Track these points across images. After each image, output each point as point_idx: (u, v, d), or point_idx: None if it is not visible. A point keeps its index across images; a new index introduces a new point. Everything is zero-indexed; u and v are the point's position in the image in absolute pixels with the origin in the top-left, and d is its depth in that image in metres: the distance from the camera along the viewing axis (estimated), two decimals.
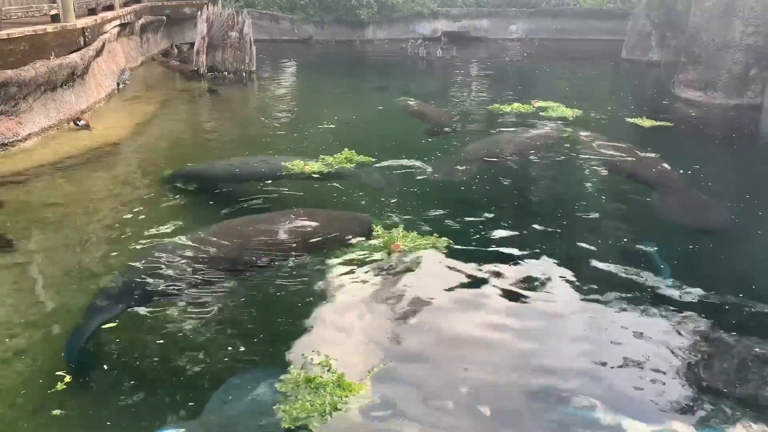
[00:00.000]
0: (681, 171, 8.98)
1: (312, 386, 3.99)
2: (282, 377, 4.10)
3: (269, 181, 8.21)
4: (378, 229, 6.40)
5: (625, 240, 6.73)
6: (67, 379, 4.10)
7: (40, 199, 7.38)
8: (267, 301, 5.18)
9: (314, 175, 8.41)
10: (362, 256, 5.87)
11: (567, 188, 8.59)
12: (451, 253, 6.02)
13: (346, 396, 3.93)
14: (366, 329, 4.80)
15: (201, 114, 13.29)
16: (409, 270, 5.68)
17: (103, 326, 4.72)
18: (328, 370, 4.17)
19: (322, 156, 9.02)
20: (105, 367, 4.31)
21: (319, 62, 21.81)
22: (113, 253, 5.97)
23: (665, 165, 9.20)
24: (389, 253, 5.91)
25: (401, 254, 5.89)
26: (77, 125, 10.28)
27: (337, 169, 8.66)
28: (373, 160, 9.03)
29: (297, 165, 8.53)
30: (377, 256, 5.90)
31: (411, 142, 10.60)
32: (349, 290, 5.33)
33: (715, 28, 14.05)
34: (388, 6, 26.13)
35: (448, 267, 5.81)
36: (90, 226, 6.77)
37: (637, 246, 6.52)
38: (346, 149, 9.26)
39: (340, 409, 3.82)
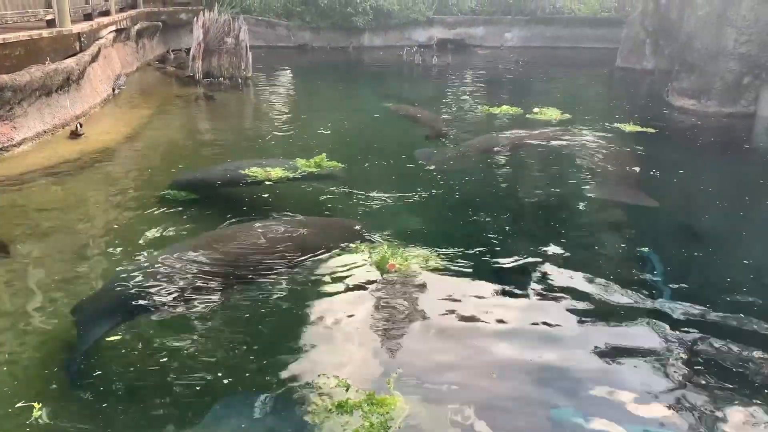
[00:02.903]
0: (636, 169, 9.46)
1: (345, 410, 3.86)
2: (308, 406, 3.92)
3: (258, 186, 8.20)
4: (362, 246, 6.21)
5: (622, 244, 6.82)
6: (59, 390, 4.07)
7: (34, 205, 7.36)
8: (261, 317, 5.04)
9: (277, 181, 8.38)
10: (356, 276, 5.69)
11: (556, 190, 8.69)
12: (443, 268, 5.91)
13: (387, 413, 3.84)
14: (364, 344, 4.70)
15: (196, 120, 13.27)
16: (403, 287, 5.56)
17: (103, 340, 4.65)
18: (347, 390, 4.05)
19: (295, 159, 9.01)
20: (99, 382, 4.22)
21: (315, 68, 21.84)
22: (107, 261, 5.94)
23: (618, 161, 9.92)
24: (383, 273, 5.73)
25: (397, 273, 5.72)
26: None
27: (302, 173, 8.61)
28: (342, 165, 8.99)
29: (257, 172, 8.43)
30: (371, 276, 5.70)
31: (403, 147, 10.74)
32: (344, 309, 5.20)
33: (709, 37, 14.15)
34: (384, 13, 26.19)
35: (441, 282, 5.67)
36: (85, 232, 6.74)
37: (632, 250, 6.61)
38: (324, 154, 9.21)
39: (391, 427, 3.75)
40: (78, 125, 10.33)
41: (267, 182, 8.29)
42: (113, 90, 14.04)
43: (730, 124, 13.31)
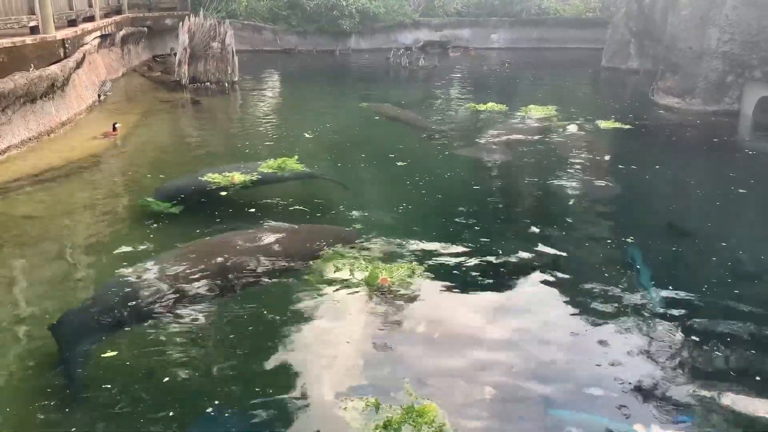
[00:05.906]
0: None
1: (394, 427, 3.74)
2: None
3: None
4: (351, 258, 6.07)
5: (608, 242, 6.94)
6: (46, 401, 4.01)
7: (19, 212, 7.28)
8: (250, 332, 4.92)
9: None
10: (348, 290, 5.56)
11: (539, 189, 8.84)
12: (433, 276, 5.87)
13: (432, 422, 3.77)
14: (364, 358, 4.63)
15: (183, 125, 13.22)
16: (395, 300, 5.45)
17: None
18: (377, 410, 3.91)
19: (266, 161, 9.08)
20: (90, 393, 4.14)
21: (302, 72, 21.82)
22: (93, 270, 5.88)
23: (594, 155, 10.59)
24: (377, 288, 5.58)
25: (390, 286, 5.62)
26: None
27: (264, 175, 8.61)
28: (303, 167, 9.00)
29: (216, 177, 8.35)
30: (364, 290, 5.57)
31: (384, 148, 10.87)
32: (339, 323, 5.10)
33: (692, 37, 14.30)
34: (370, 16, 26.23)
35: (432, 292, 5.65)
36: (70, 240, 6.68)
37: (618, 248, 6.71)
38: (295, 156, 9.26)
39: None
40: (113, 125, 10.88)
41: (253, 187, 8.30)
42: (99, 96, 13.94)
43: (714, 121, 13.47)
